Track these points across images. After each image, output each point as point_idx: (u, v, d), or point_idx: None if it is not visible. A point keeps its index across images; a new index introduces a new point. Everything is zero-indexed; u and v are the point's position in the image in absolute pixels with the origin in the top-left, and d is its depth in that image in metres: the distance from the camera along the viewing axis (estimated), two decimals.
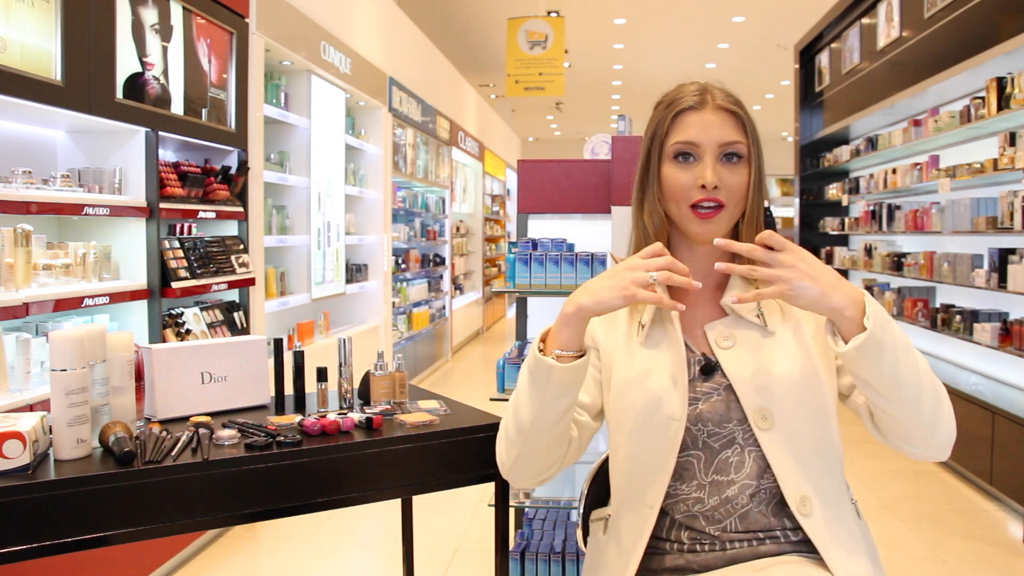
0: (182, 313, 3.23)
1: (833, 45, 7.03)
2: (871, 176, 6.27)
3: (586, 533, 1.44)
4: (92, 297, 2.66)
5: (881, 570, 1.25)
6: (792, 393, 1.23)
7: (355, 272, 5.69)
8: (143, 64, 2.96)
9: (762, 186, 1.30)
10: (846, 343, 1.11)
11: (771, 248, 1.12)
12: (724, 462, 1.24)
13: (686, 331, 1.31)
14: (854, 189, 6.71)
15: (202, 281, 3.25)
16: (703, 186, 1.24)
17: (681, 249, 1.34)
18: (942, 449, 1.19)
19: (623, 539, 1.26)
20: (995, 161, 4.14)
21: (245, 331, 3.66)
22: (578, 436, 1.32)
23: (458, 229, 9.82)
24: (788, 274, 1.11)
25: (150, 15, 3.01)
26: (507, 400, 2.31)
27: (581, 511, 1.50)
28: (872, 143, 6.09)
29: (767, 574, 1.17)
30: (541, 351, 1.21)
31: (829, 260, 7.09)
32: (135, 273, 3.03)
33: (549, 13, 9.10)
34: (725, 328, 1.29)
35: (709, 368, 1.28)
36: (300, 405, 1.68)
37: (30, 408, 2.33)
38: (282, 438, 1.39)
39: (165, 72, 3.11)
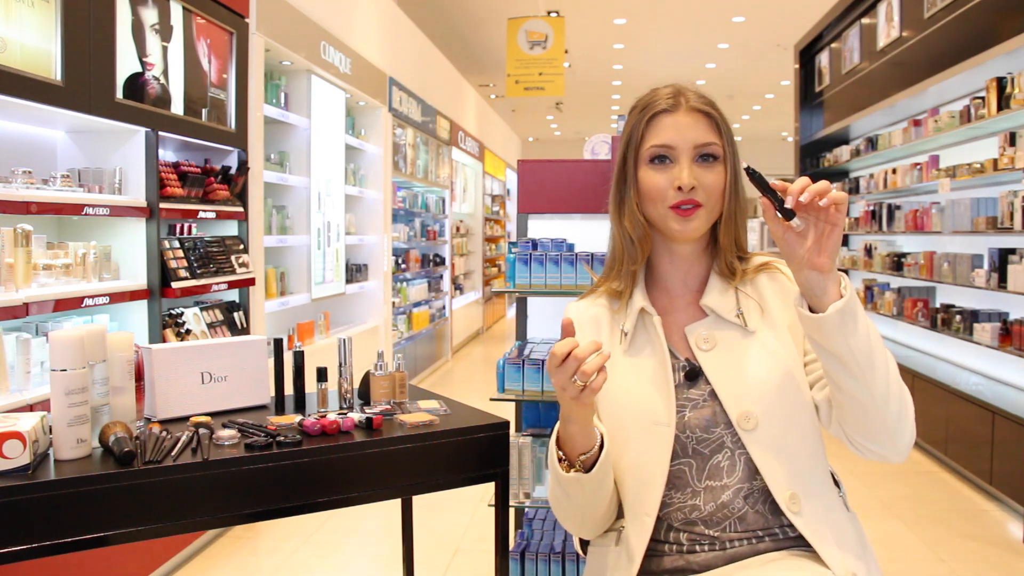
0: (182, 313, 3.23)
1: (833, 45, 7.03)
2: (871, 176, 6.27)
3: (585, 541, 1.43)
4: (92, 297, 2.66)
5: (875, 561, 1.26)
6: (773, 392, 1.24)
7: (355, 272, 5.69)
8: (143, 64, 2.96)
9: (738, 186, 1.31)
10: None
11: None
12: (716, 467, 1.24)
13: (668, 335, 1.31)
14: (854, 189, 6.71)
15: (202, 281, 3.25)
16: (680, 188, 1.25)
17: (662, 253, 1.35)
18: (903, 451, 1.21)
19: (631, 547, 1.26)
20: (995, 161, 4.14)
21: (245, 331, 3.66)
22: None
23: (458, 229, 9.82)
24: (840, 227, 1.12)
25: (150, 15, 3.01)
26: (507, 400, 2.32)
27: None
28: (872, 143, 6.09)
29: (767, 570, 1.18)
30: (560, 459, 1.24)
31: None
32: (135, 273, 3.03)
33: (549, 13, 9.10)
34: (705, 330, 1.30)
35: (693, 374, 1.28)
36: (300, 405, 1.68)
37: (30, 408, 2.33)
38: (282, 438, 1.39)
39: (165, 72, 3.11)
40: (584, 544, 1.44)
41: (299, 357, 1.70)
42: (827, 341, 1.14)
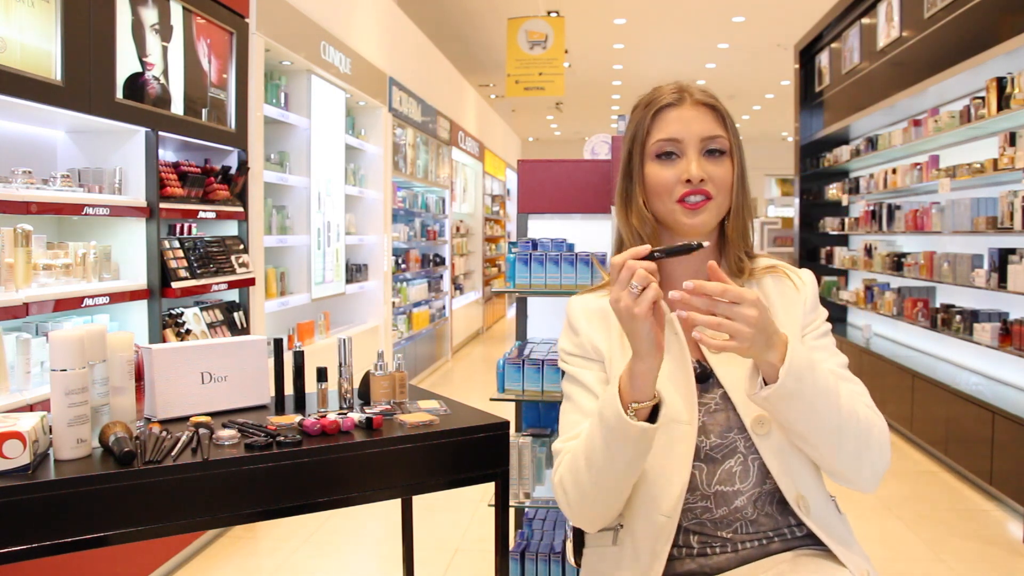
0: (182, 313, 3.23)
1: (833, 45, 7.03)
2: (871, 176, 6.27)
3: (580, 544, 1.42)
4: (92, 297, 2.66)
5: (869, 562, 1.28)
6: None
7: (355, 272, 5.69)
8: (143, 64, 2.96)
9: (745, 181, 1.30)
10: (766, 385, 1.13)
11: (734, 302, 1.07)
12: (728, 472, 1.23)
13: None
14: (854, 189, 6.71)
15: (202, 281, 3.25)
16: (688, 180, 1.24)
17: None
18: (867, 484, 1.21)
19: (639, 549, 1.24)
20: (995, 161, 4.14)
21: (245, 331, 3.66)
22: None
23: (458, 229, 9.82)
24: (747, 332, 1.06)
25: (150, 15, 3.01)
26: (507, 400, 2.32)
27: (571, 523, 1.46)
28: (872, 143, 6.09)
29: (784, 571, 1.18)
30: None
31: (829, 260, 7.09)
32: (135, 273, 3.03)
33: (549, 13, 9.10)
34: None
35: (704, 375, 1.27)
36: (300, 405, 1.68)
37: (30, 408, 2.33)
38: (282, 438, 1.39)
39: (165, 72, 3.11)
40: (577, 551, 1.43)
41: (299, 357, 1.70)
42: (765, 409, 1.17)
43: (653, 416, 1.15)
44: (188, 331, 3.21)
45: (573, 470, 1.23)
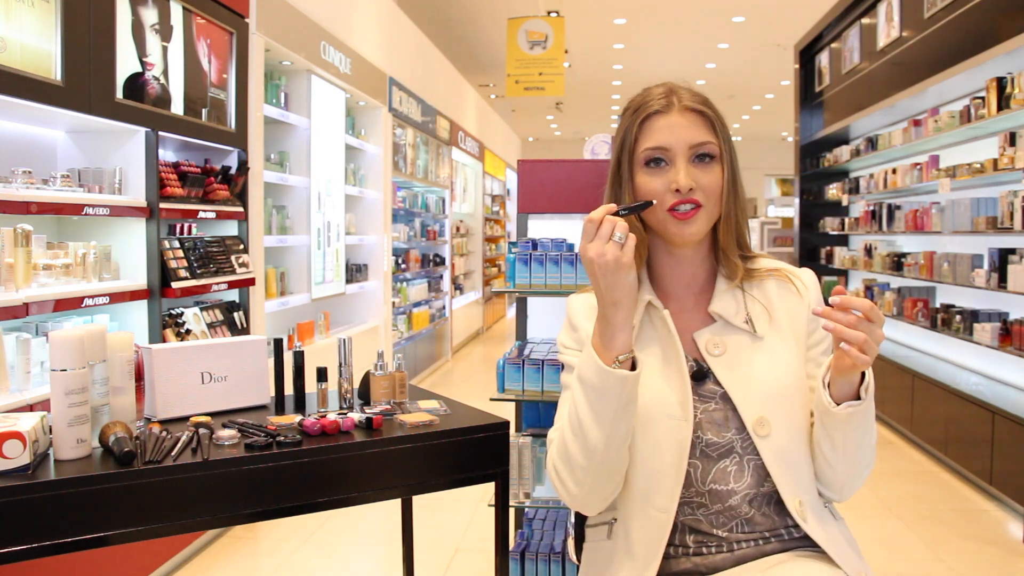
0: (182, 313, 3.23)
1: (833, 45, 7.03)
2: (871, 176, 6.27)
3: (580, 539, 1.42)
4: (92, 297, 2.66)
5: (866, 564, 1.28)
6: (785, 399, 1.25)
7: (355, 272, 5.69)
8: (143, 64, 2.96)
9: (737, 185, 1.30)
10: (836, 403, 1.17)
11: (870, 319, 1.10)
12: (722, 471, 1.23)
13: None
14: (854, 189, 6.71)
15: (202, 281, 3.25)
16: (677, 190, 1.24)
17: (661, 254, 1.34)
18: (847, 496, 1.29)
19: (634, 545, 1.24)
20: (995, 161, 4.14)
21: (245, 331, 3.66)
22: None
23: (458, 229, 9.82)
24: (875, 350, 1.10)
25: (150, 15, 3.01)
26: (507, 400, 2.32)
27: (572, 520, 1.47)
28: (872, 143, 6.09)
29: (780, 571, 1.18)
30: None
31: (829, 260, 7.10)
32: (135, 273, 3.03)
33: (549, 13, 9.10)
34: (714, 335, 1.29)
35: (700, 374, 1.27)
36: (300, 405, 1.68)
37: (30, 408, 2.33)
38: (282, 438, 1.39)
39: (165, 72, 3.11)
40: (578, 548, 1.43)
41: (299, 357, 1.70)
42: (831, 427, 1.20)
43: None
44: (188, 331, 3.21)
45: (562, 449, 1.25)
